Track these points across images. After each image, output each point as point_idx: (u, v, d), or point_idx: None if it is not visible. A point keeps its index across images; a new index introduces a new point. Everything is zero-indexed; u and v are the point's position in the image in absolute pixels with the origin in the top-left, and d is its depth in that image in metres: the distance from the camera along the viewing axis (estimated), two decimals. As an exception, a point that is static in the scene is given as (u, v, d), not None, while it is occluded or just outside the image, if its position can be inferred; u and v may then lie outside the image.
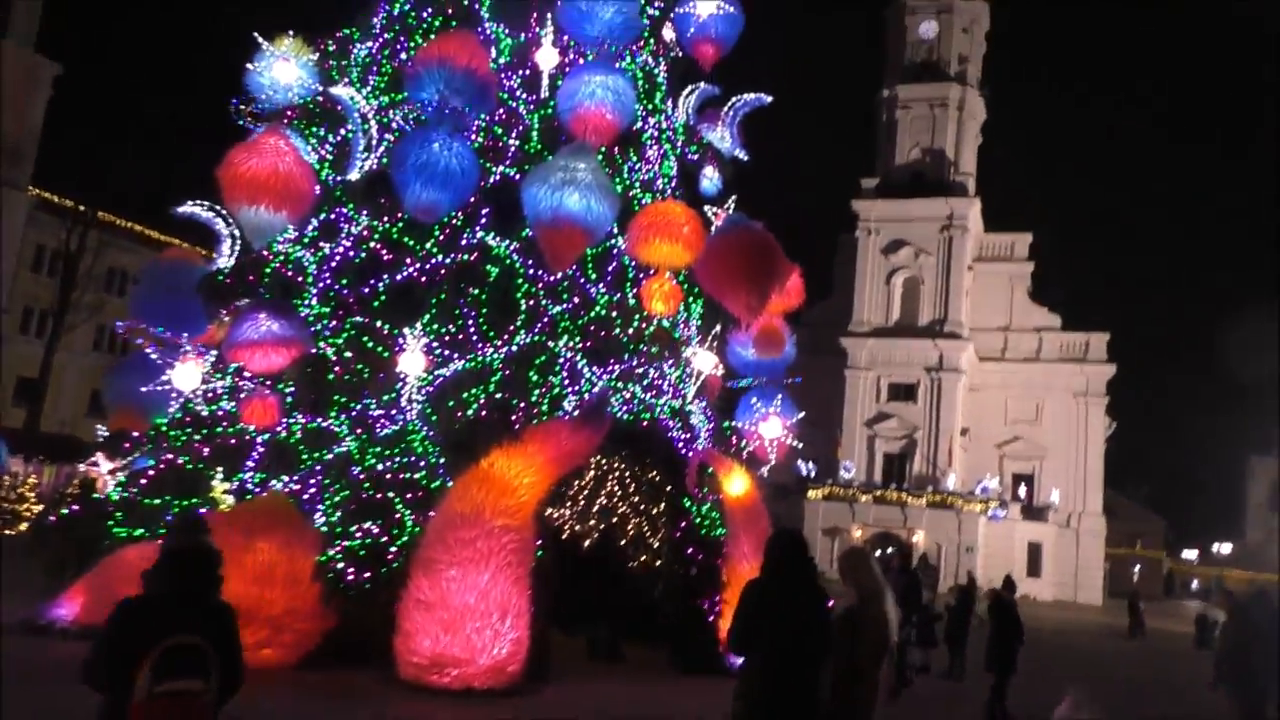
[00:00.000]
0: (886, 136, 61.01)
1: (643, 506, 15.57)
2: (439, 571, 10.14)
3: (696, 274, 13.49)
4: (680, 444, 13.94)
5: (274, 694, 8.94)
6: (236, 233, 13.07)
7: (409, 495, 11.06)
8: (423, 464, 11.47)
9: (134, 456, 12.39)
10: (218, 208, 13.11)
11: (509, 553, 10.42)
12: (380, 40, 14.35)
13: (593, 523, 16.20)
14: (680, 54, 16.43)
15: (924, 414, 56.76)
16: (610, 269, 13.91)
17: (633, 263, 13.70)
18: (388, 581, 10.29)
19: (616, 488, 16.16)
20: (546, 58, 13.41)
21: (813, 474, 54.31)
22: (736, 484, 13.91)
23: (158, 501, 11.63)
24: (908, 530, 52.73)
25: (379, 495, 11.03)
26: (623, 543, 14.90)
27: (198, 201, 13.46)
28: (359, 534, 10.66)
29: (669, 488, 13.76)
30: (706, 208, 14.47)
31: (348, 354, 12.16)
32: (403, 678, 10.00)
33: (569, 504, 16.31)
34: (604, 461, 15.41)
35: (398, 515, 10.94)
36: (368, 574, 10.34)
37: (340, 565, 10.29)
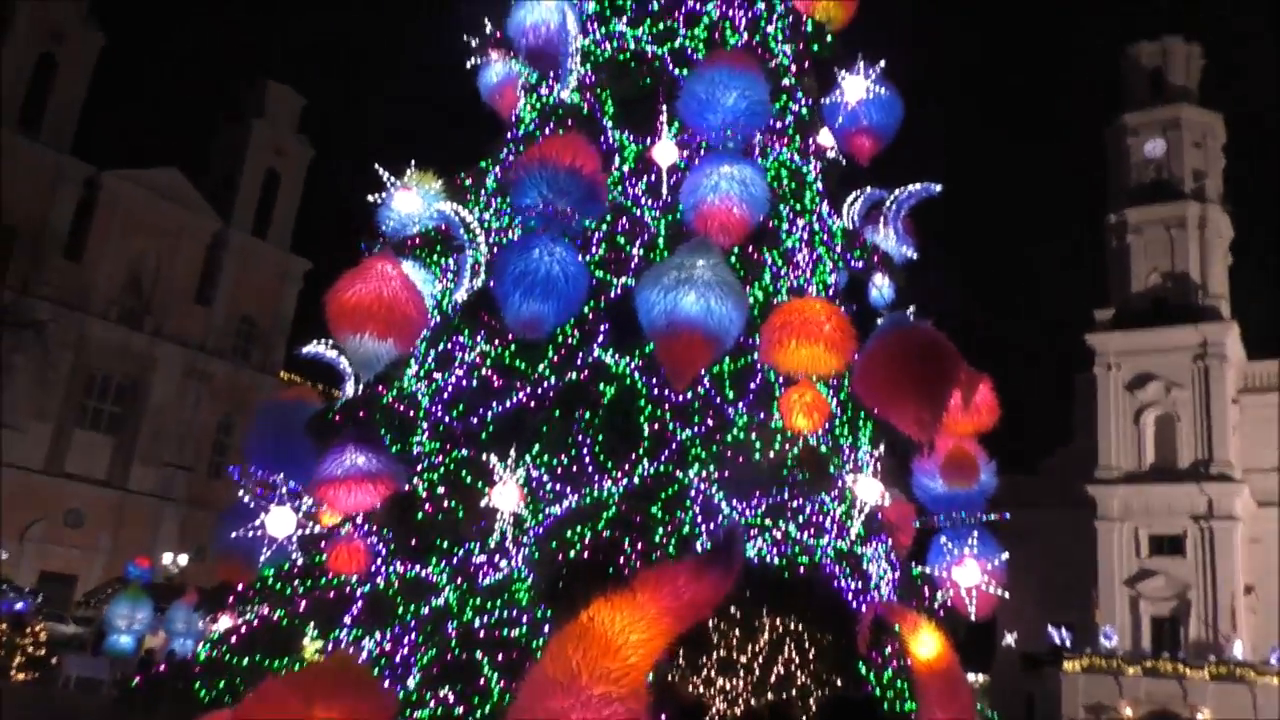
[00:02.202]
0: (1118, 263, 56.19)
1: (823, 676, 13.04)
2: (525, 750, 8.22)
3: (856, 386, 11.42)
4: (850, 595, 11.52)
5: None
6: (352, 368, 12.31)
7: (500, 656, 9.31)
8: (524, 619, 9.75)
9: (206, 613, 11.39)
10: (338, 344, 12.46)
11: (611, 728, 8.36)
12: (507, 164, 13.67)
13: (768, 695, 13.74)
14: (840, 157, 14.92)
15: (1195, 570, 49.34)
16: (752, 385, 12.05)
17: (780, 378, 11.78)
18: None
19: (794, 653, 13.71)
20: (664, 153, 12.18)
21: (1068, 642, 47.96)
22: (926, 645, 11.17)
23: (246, 662, 10.46)
24: (1190, 708, 45.02)
25: (465, 656, 9.35)
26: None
27: (320, 340, 12.91)
28: (434, 702, 8.96)
29: (836, 650, 11.29)
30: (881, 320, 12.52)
31: (439, 491, 10.82)
32: None
33: (739, 672, 13.97)
34: (779, 624, 13.12)
35: (484, 680, 9.18)
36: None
37: (408, 740, 8.59)
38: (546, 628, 9.55)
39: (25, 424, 43.48)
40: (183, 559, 41.84)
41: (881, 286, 14.41)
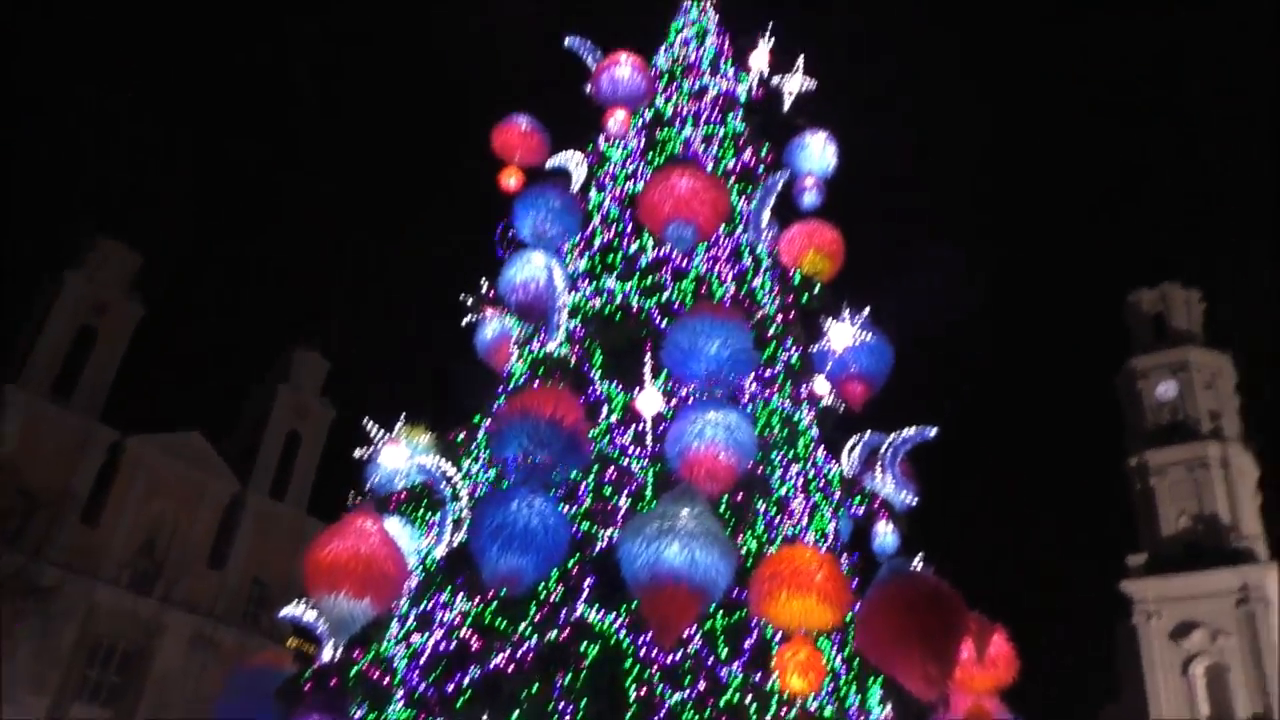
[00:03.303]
0: (1145, 506, 55.05)
1: None
2: None
3: (857, 641, 10.77)
4: None
5: None
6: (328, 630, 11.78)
7: None
8: None
9: None
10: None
11: None
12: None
13: None
14: (836, 403, 14.93)
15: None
16: (747, 643, 11.37)
17: (776, 633, 11.14)
18: None
19: None
20: (649, 402, 12.17)
21: None
22: None
23: None
24: None
25: None
26: None
27: (299, 601, 12.45)
28: None
29: None
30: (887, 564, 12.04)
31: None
32: None
33: None
34: None
35: None
36: None
37: None
38: None
39: (21, 695, 41.87)
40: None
41: (884, 534, 13.97)
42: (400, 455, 12.80)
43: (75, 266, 50.17)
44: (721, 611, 11.11)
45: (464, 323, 15.64)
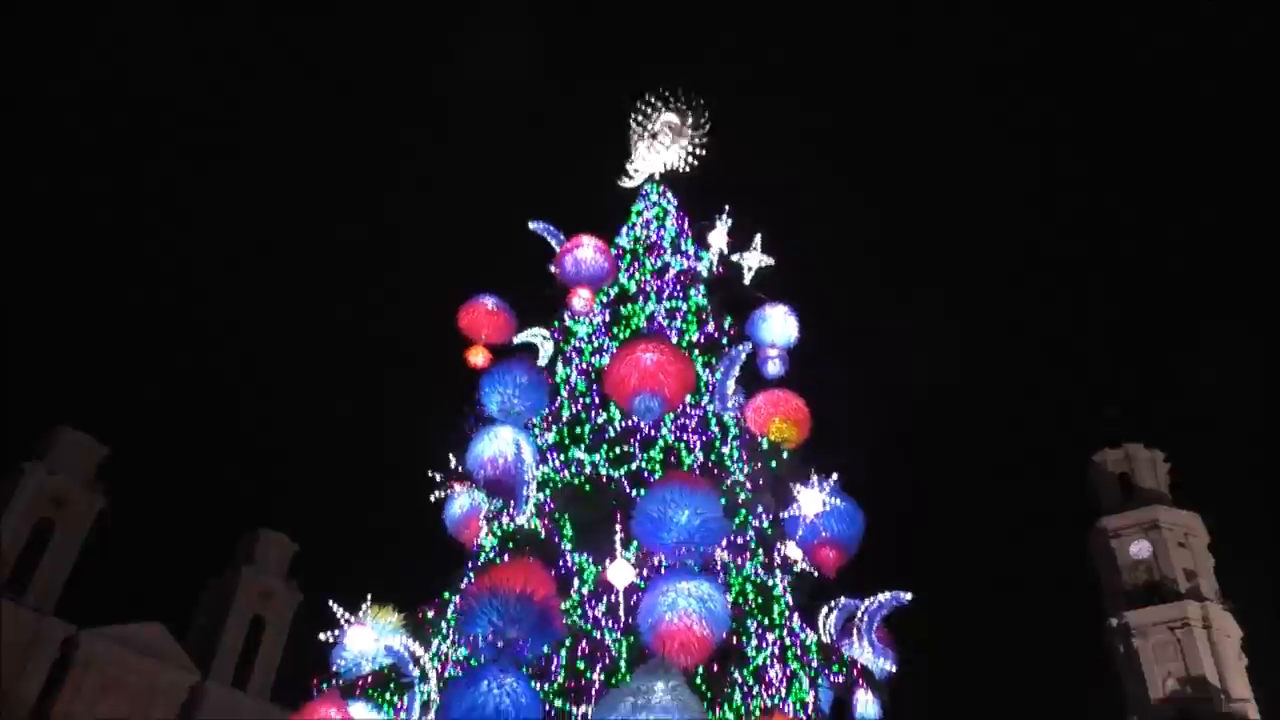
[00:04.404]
0: (1131, 668, 53.91)
1: None
2: None
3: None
4: None
5: None
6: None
7: None
8: None
9: None
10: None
11: None
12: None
13: None
14: (809, 569, 14.88)
15: None
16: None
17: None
18: None
19: None
20: (620, 574, 12.11)
21: None
22: None
23: None
24: None
25: None
26: None
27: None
28: None
29: None
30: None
31: None
32: None
33: None
34: None
35: None
36: None
37: None
38: None
39: None
40: None
41: (865, 703, 13.68)
42: (367, 637, 12.56)
43: (37, 457, 49.41)
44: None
45: (432, 499, 15.60)
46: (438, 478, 15.15)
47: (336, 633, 12.84)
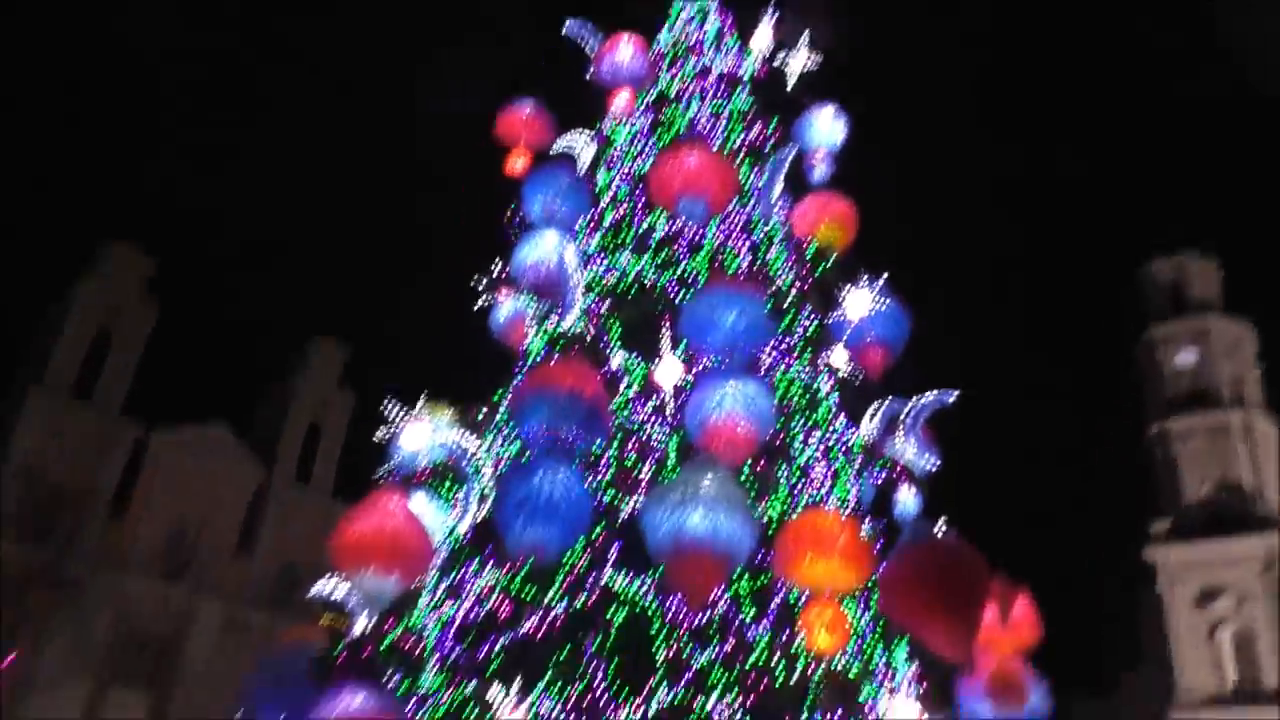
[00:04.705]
0: (1168, 474, 54.79)
1: None
2: None
3: (881, 603, 10.95)
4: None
5: None
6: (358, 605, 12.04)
7: None
8: None
9: None
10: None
11: None
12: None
13: None
14: (854, 371, 15.04)
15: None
16: (773, 605, 11.57)
17: (801, 595, 11.32)
18: None
19: None
20: (668, 374, 12.33)
21: None
22: None
23: None
24: None
25: None
26: None
27: (328, 577, 12.71)
28: None
29: None
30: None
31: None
32: None
33: None
34: None
35: None
36: None
37: None
38: None
39: (60, 684, 42.72)
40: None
41: (906, 499, 14.11)
42: (422, 434, 12.99)
43: (89, 272, 50.76)
44: (747, 575, 11.31)
45: (478, 306, 15.80)
46: (483, 284, 15.29)
47: (393, 431, 13.31)
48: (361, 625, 12.50)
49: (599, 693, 10.47)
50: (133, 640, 47.02)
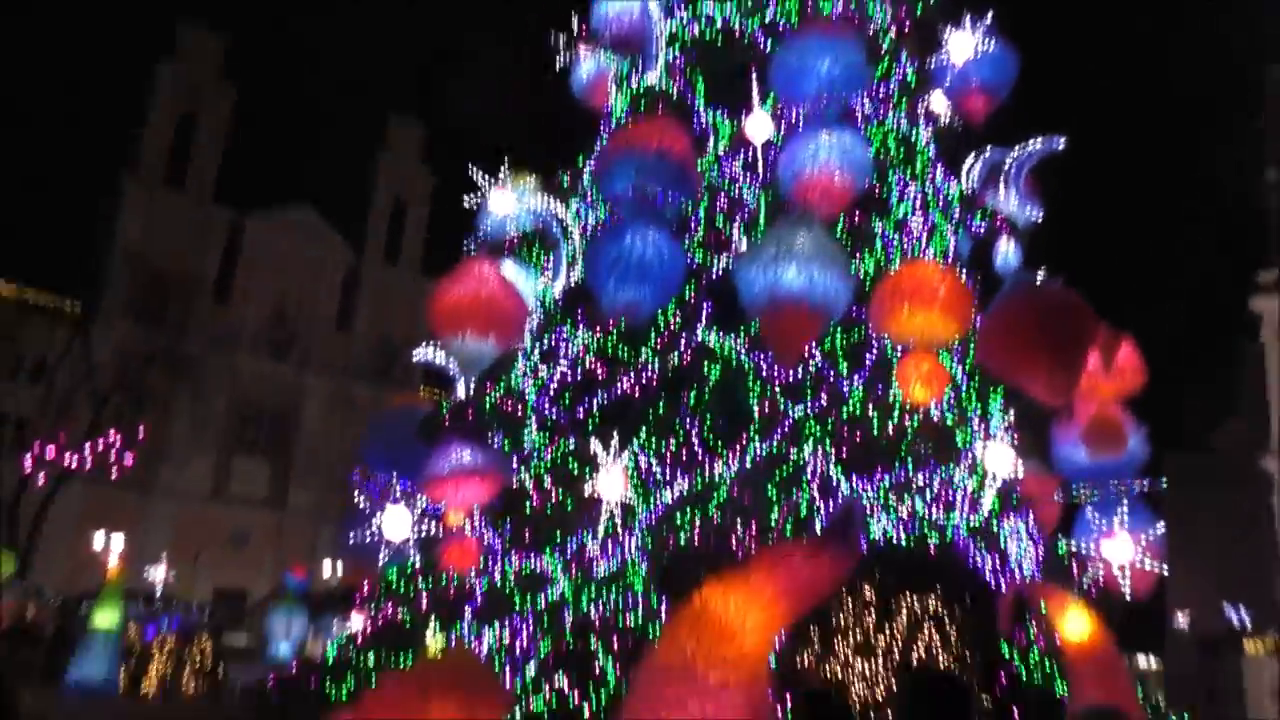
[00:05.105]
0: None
1: (966, 656, 12.34)
2: (643, 740, 7.96)
3: (979, 353, 10.80)
4: (987, 572, 10.85)
5: None
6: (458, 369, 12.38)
7: (616, 644, 9.10)
8: (639, 606, 9.53)
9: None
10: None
11: (730, 717, 8.02)
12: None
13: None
14: (955, 119, 14.21)
15: (1391, 547, 45.16)
16: (868, 358, 11.51)
17: (897, 348, 11.20)
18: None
19: (934, 633, 13.04)
20: (758, 128, 11.79)
21: (1248, 624, 44.58)
22: (1075, 624, 10.45)
23: (372, 660, 10.59)
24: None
25: (581, 645, 9.19)
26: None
27: (428, 344, 13.04)
28: (550, 690, 8.81)
29: (976, 630, 10.64)
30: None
31: (547, 484, 10.73)
32: None
33: (878, 655, 13.38)
34: (916, 604, 12.54)
35: (599, 668, 8.99)
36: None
37: (523, 730, 8.44)
38: (661, 615, 9.32)
39: (185, 453, 46.22)
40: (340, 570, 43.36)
41: (1006, 251, 13.64)
42: (509, 200, 12.86)
43: (167, 57, 50.47)
44: (841, 330, 11.20)
45: (558, 65, 15.17)
46: (563, 41, 14.61)
47: (479, 199, 13.20)
48: (462, 389, 12.93)
49: (695, 446, 10.72)
50: (249, 414, 50.25)
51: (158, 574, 31.86)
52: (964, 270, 13.19)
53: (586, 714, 8.62)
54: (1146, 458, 13.00)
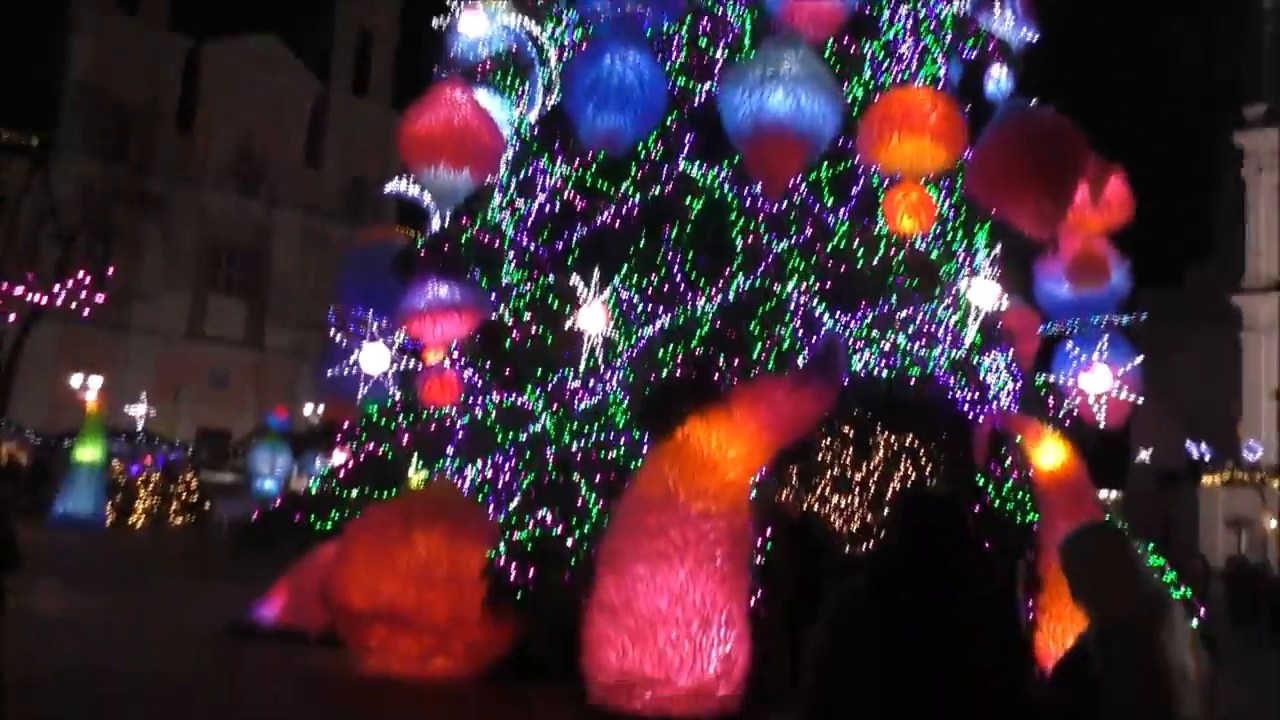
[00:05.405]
0: (1272, 54, 50.92)
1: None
2: (624, 569, 8.08)
3: (968, 184, 10.52)
4: (966, 406, 10.90)
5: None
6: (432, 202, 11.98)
7: (598, 477, 9.15)
8: (621, 440, 9.53)
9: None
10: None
11: (711, 545, 8.13)
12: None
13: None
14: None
15: (1351, 380, 46.35)
16: (854, 191, 11.20)
17: (883, 180, 10.88)
18: (566, 582, 8.42)
19: (911, 468, 13.28)
20: (745, -61, 11.08)
21: (1207, 457, 46.14)
22: (1049, 454, 10.60)
23: (355, 494, 10.65)
24: (1341, 521, 43.11)
25: (563, 478, 9.23)
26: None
27: (400, 177, 12.59)
28: (533, 524, 8.89)
29: (953, 463, 10.79)
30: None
31: (527, 318, 10.56)
32: (591, 701, 8.07)
33: (856, 490, 13.65)
34: (893, 439, 12.70)
35: (582, 501, 9.05)
36: (532, 572, 8.48)
37: (506, 562, 8.53)
38: (644, 449, 9.33)
39: (159, 291, 45.69)
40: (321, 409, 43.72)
41: (998, 77, 13.12)
42: (480, 21, 12.11)
43: None
44: (827, 161, 10.84)
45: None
46: None
47: (450, 19, 12.45)
48: (437, 223, 12.56)
49: (677, 281, 10.51)
50: (221, 251, 49.44)
51: (138, 412, 32.02)
52: (956, 98, 12.73)
53: (569, 545, 8.71)
54: (1127, 292, 12.98)
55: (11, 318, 35.69)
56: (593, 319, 9.70)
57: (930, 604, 2.42)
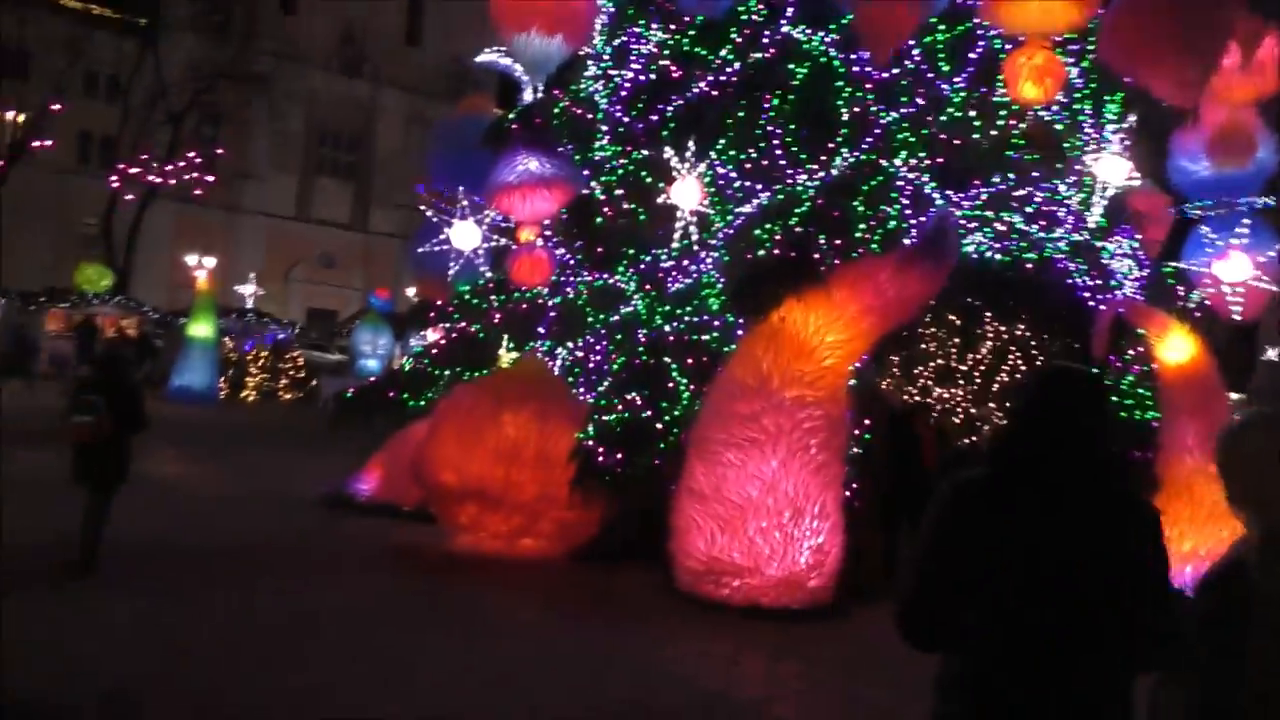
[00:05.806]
0: None
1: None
2: (714, 455, 7.84)
3: (1101, 47, 9.56)
4: (1086, 294, 10.18)
5: (505, 599, 7.53)
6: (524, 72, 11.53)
7: (690, 360, 8.84)
8: (715, 324, 9.17)
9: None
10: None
11: (805, 434, 7.80)
12: None
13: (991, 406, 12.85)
14: None
15: None
16: (972, 56, 10.31)
17: (1007, 45, 9.96)
18: (655, 466, 8.23)
19: (1021, 360, 12.62)
20: None
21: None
22: (1175, 348, 9.87)
23: (448, 372, 10.62)
24: None
25: (654, 361, 8.95)
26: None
27: (493, 49, 12.15)
28: (622, 406, 8.68)
29: (1068, 356, 10.14)
30: None
31: (619, 194, 10.15)
32: (678, 586, 7.97)
33: (958, 382, 13.09)
34: (1003, 328, 12.04)
35: (673, 384, 8.78)
36: (620, 455, 8.30)
37: (595, 444, 8.37)
38: (738, 332, 8.98)
39: (268, 173, 46.55)
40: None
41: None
42: None
43: None
44: (944, 23, 9.98)
45: None
46: None
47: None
48: (529, 94, 12.14)
49: (777, 155, 9.92)
50: (326, 134, 49.87)
51: (248, 291, 32.93)
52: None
53: (659, 429, 8.49)
54: (1273, 171, 11.85)
55: (129, 197, 36.90)
56: (687, 195, 9.24)
57: (1073, 490, 2.12)
